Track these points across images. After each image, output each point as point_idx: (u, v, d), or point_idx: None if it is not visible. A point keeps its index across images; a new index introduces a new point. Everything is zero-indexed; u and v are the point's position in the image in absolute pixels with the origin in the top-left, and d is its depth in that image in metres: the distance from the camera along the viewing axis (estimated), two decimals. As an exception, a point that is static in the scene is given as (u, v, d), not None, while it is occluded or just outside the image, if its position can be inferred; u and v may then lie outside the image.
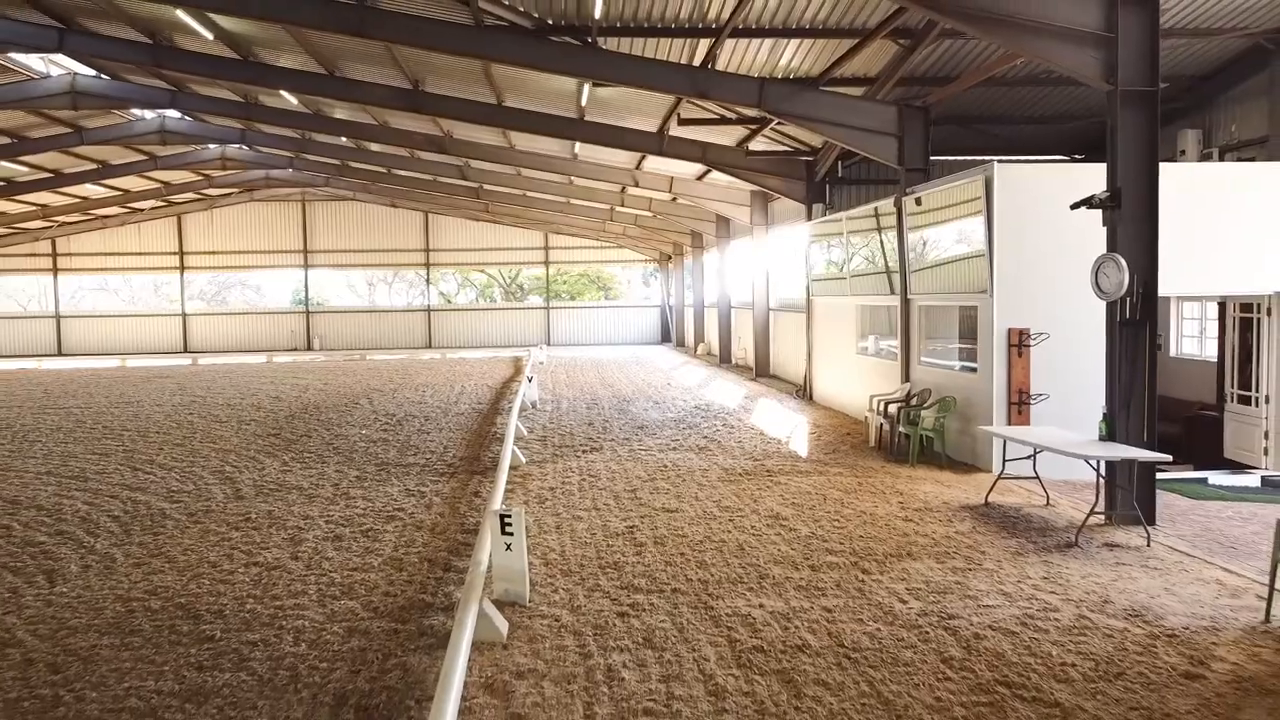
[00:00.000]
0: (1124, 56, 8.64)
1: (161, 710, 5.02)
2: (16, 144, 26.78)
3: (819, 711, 4.90)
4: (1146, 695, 5.06)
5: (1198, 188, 11.72)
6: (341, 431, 15.71)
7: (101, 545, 8.54)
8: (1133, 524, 8.56)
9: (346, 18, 12.98)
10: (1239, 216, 11.55)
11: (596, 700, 5.06)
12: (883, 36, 13.04)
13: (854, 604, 6.60)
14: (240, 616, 6.52)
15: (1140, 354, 8.81)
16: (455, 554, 8.07)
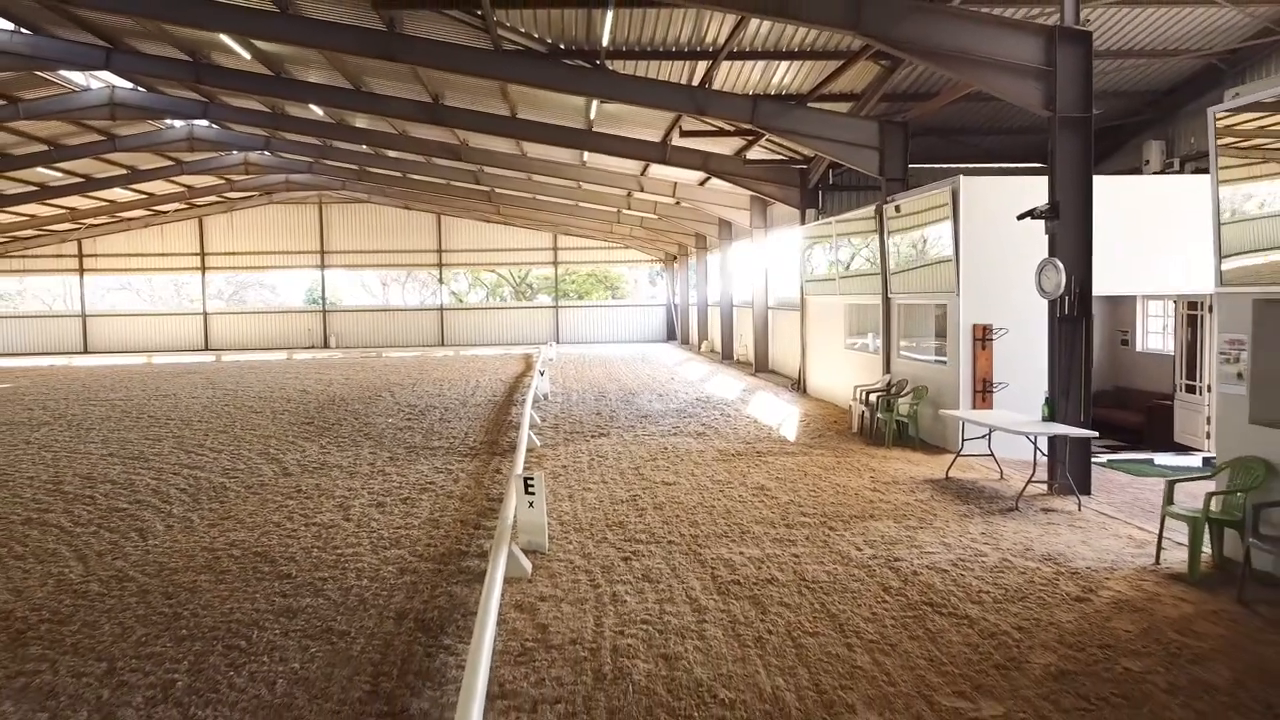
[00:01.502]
0: (1061, 87, 9.94)
1: (262, 622, 6.38)
2: (53, 151, 28.22)
3: (779, 623, 6.23)
4: (1040, 612, 6.39)
5: (1152, 197, 13.04)
6: (369, 420, 17.09)
7: (178, 511, 9.92)
8: (1069, 493, 9.88)
9: (379, 44, 14.35)
10: (1186, 223, 12.82)
11: (604, 615, 6.41)
12: (866, 58, 14.36)
13: (817, 551, 7.94)
14: (309, 560, 7.88)
15: (1077, 346, 10.13)
16: (483, 517, 9.43)
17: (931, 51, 10.28)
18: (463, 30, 14.54)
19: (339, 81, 19.51)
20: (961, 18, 10.34)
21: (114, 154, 29.06)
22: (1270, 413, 7.27)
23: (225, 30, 15.01)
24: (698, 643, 5.87)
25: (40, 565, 7.87)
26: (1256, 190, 7.33)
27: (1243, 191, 7.39)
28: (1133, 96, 16.99)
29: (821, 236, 18.97)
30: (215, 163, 33.00)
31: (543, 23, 14.03)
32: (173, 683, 5.37)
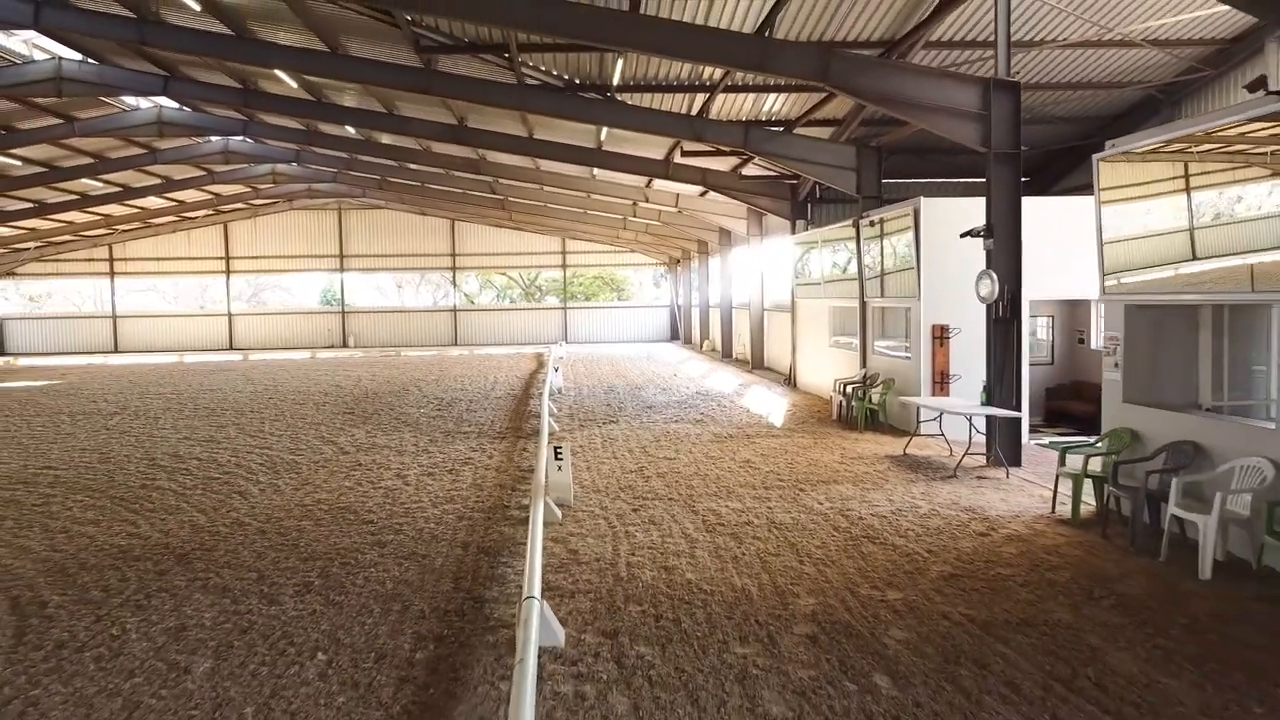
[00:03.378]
0: (995, 128, 12.00)
1: (362, 549, 8.46)
2: (98, 164, 30.40)
3: (751, 549, 8.29)
4: (949, 542, 8.45)
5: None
6: (403, 410, 19.17)
7: (263, 479, 12.01)
8: (1001, 465, 11.93)
9: (418, 79, 16.42)
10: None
11: (619, 544, 8.48)
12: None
13: (787, 504, 10.01)
14: (384, 511, 9.97)
15: (1009, 342, 12.19)
16: (518, 483, 11.50)
17: (888, 99, 12.35)
18: (490, 67, 16.62)
19: (373, 106, 21.62)
20: (911, 71, 12.44)
21: (154, 166, 31.27)
22: (1136, 393, 9.33)
23: (283, 68, 17.14)
24: (689, 560, 7.95)
25: (171, 516, 9.97)
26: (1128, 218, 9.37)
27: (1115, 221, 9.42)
28: (1086, 121, 19.05)
29: (809, 245, 21.04)
30: (244, 172, 35.11)
31: (561, 63, 16.15)
32: (309, 583, 7.45)
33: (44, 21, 15.64)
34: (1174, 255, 8.63)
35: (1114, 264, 9.49)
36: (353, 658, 5.85)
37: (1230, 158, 7.92)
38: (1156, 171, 8.87)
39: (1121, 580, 7.27)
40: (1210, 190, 8.23)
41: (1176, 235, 8.54)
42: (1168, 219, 8.74)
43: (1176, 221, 8.56)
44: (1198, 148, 8.23)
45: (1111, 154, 9.38)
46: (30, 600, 7.11)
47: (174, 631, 6.37)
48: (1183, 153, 8.43)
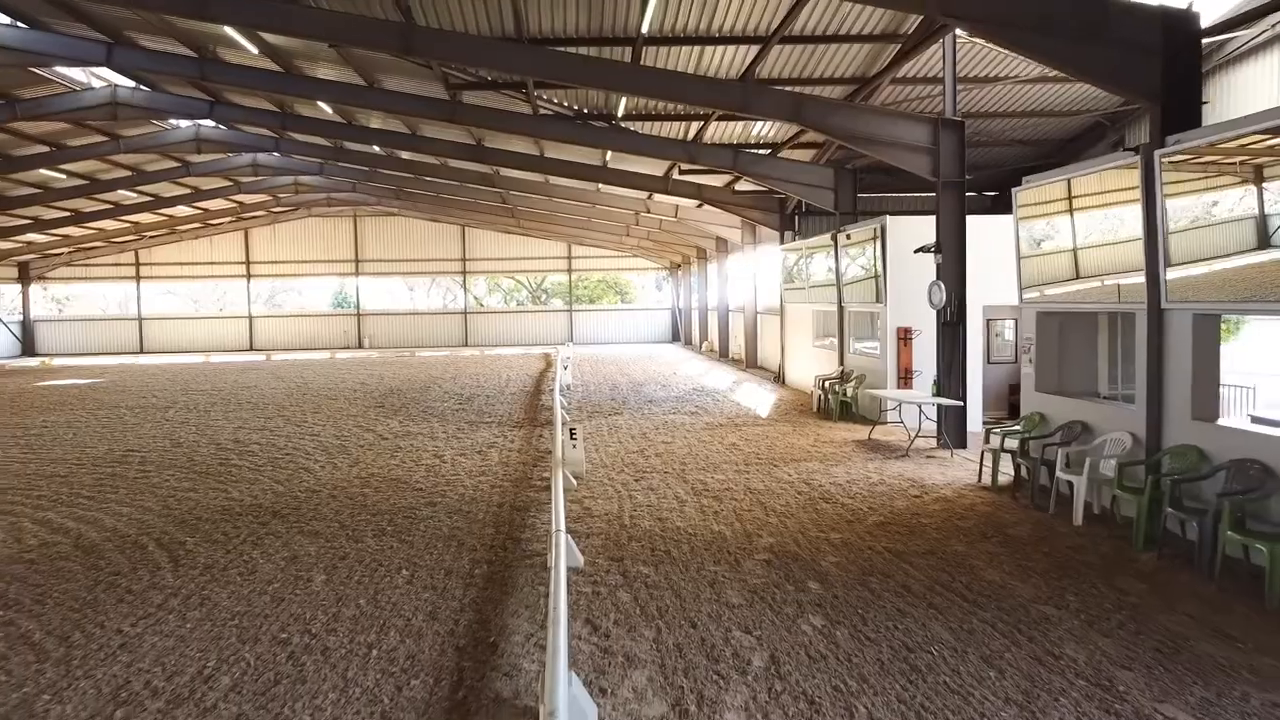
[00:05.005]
0: (943, 161, 14.10)
1: (419, 508, 10.56)
2: (136, 176, 32.58)
3: (729, 507, 10.38)
4: (887, 502, 10.54)
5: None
6: (428, 404, 21.29)
7: (321, 459, 14.13)
8: (948, 447, 14.03)
9: (444, 109, 18.54)
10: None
11: (623, 503, 10.58)
12: (822, 120, 18.53)
13: (762, 476, 12.11)
14: (429, 482, 12.08)
15: (956, 343, 14.28)
16: (538, 461, 13.62)
17: (851, 136, 14.45)
18: (508, 99, 18.74)
19: (398, 127, 23.76)
20: (871, 112, 14.56)
21: (186, 178, 33.45)
22: (1045, 384, 11.44)
23: (326, 100, 19.25)
24: (679, 514, 10.06)
25: (253, 485, 12.09)
26: (1040, 238, 11.47)
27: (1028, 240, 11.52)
28: (1044, 143, 21.15)
29: (794, 254, 23.15)
30: (268, 183, 37.28)
31: (572, 97, 18.28)
32: (383, 529, 9.57)
33: (116, 61, 17.77)
34: (1066, 272, 10.74)
35: (1030, 277, 11.59)
36: (428, 573, 7.97)
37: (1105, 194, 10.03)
38: (1057, 204, 10.97)
39: (1013, 526, 9.38)
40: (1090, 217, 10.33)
41: (1065, 254, 10.66)
42: (1064, 242, 10.85)
43: (1067, 244, 10.68)
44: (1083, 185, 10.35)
45: (1026, 188, 11.48)
46: (170, 541, 9.24)
47: (289, 559, 8.49)
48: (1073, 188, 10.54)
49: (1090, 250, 10.35)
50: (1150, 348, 9.11)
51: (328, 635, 6.48)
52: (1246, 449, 7.92)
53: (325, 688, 5.59)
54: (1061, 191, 10.76)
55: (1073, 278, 10.69)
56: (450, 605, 7.13)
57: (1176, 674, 5.65)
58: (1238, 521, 7.37)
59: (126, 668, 5.95)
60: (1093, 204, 10.26)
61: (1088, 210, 10.36)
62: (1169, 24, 8.69)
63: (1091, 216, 10.34)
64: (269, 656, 6.10)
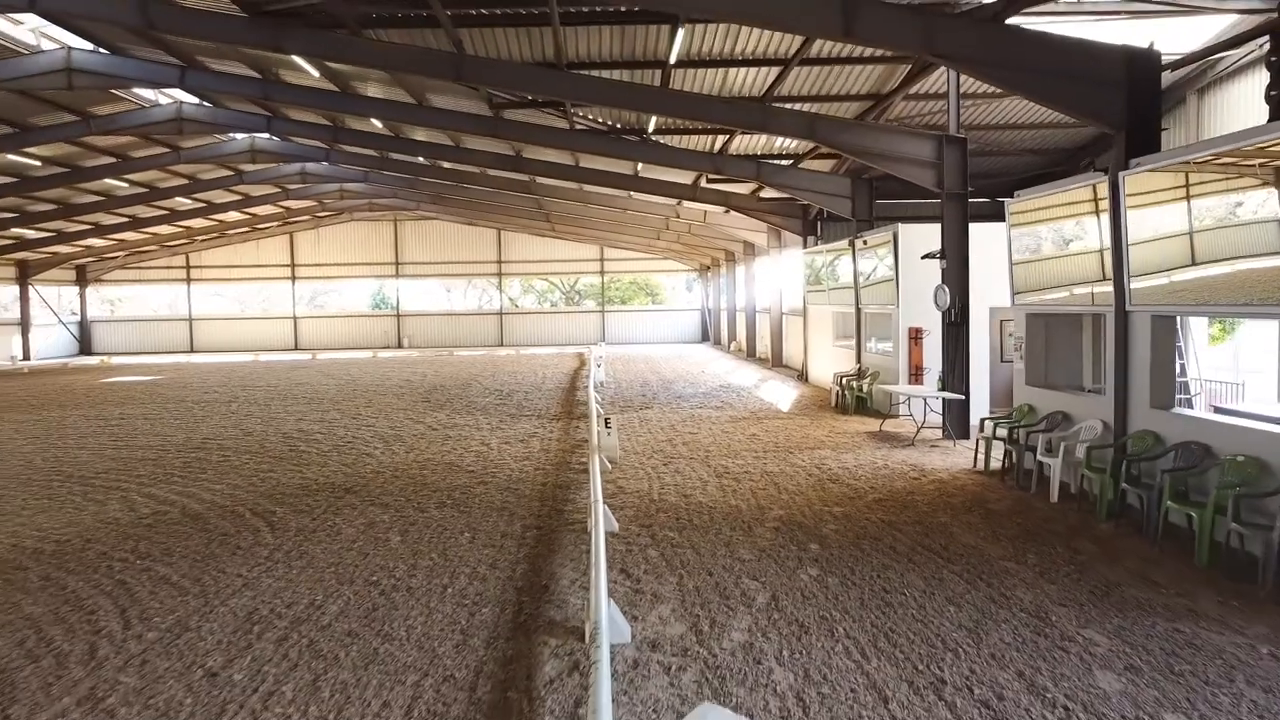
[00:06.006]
0: (947, 174, 15.32)
1: (473, 486, 12.00)
2: (192, 184, 34.42)
3: (746, 486, 11.72)
4: (887, 483, 11.82)
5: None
6: (470, 399, 22.77)
7: (379, 446, 15.61)
8: (951, 437, 15.25)
9: (487, 125, 20.01)
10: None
11: (653, 483, 11.95)
12: (839, 133, 19.79)
13: (778, 462, 13.43)
14: (480, 465, 13.52)
15: (960, 342, 15.50)
16: (576, 449, 15.01)
17: (862, 152, 15.73)
18: (547, 116, 20.18)
19: (442, 139, 25.29)
20: (880, 130, 15.83)
21: (239, 185, 35.28)
22: (1034, 378, 12.66)
23: (378, 117, 20.80)
24: (701, 492, 11.41)
25: (323, 468, 13.58)
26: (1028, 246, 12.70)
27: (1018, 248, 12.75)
28: (1053, 152, 22.26)
29: (816, 258, 24.40)
30: (314, 189, 39.02)
31: (605, 113, 19.68)
32: (444, 502, 11.00)
33: (188, 83, 19.39)
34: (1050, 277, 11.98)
35: (1020, 282, 12.82)
36: (487, 535, 9.39)
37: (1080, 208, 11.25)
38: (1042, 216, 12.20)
39: (995, 502, 10.65)
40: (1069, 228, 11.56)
41: (1050, 261, 11.89)
42: (1049, 250, 12.08)
43: (1051, 251, 11.92)
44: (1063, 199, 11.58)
45: (1016, 200, 12.71)
46: (263, 510, 10.74)
47: (367, 525, 9.95)
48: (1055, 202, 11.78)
49: (1070, 258, 11.58)
50: (1117, 345, 10.34)
51: (409, 579, 7.91)
52: (1191, 432, 9.14)
53: (414, 614, 7.01)
54: (1045, 204, 11.99)
55: (1055, 282, 11.92)
56: (507, 558, 8.53)
57: (1102, 609, 6.92)
58: (1179, 493, 8.61)
59: (253, 599, 7.41)
60: (1070, 216, 11.48)
61: (1066, 221, 11.59)
62: (1130, 61, 9.91)
63: (1070, 227, 11.57)
64: (364, 593, 7.54)
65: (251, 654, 6.24)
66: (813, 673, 5.83)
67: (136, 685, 5.76)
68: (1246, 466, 8.17)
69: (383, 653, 6.24)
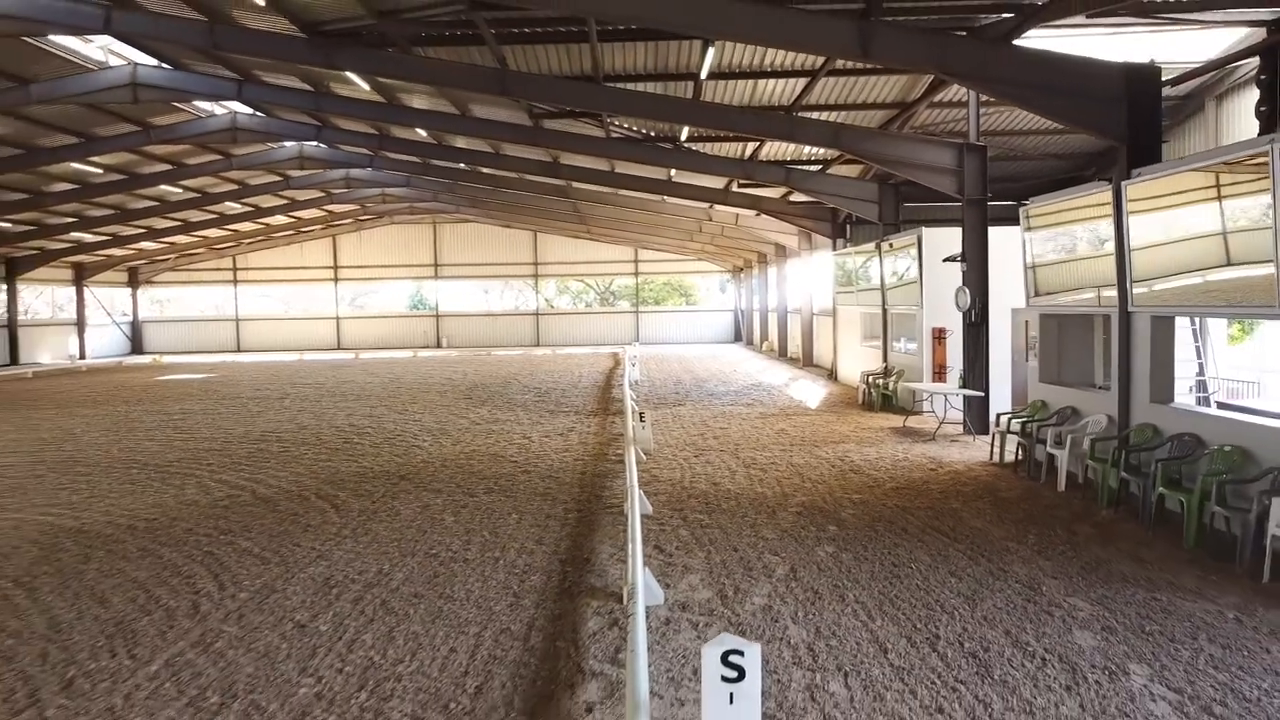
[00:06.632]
0: (967, 181, 16.00)
1: (517, 474, 12.90)
2: (241, 189, 35.76)
3: (772, 476, 12.50)
4: (905, 474, 12.56)
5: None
6: (510, 396, 23.72)
7: (427, 439, 16.57)
8: (970, 433, 15.93)
9: (527, 133, 20.96)
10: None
11: (685, 472, 12.78)
12: (866, 140, 20.50)
13: (803, 454, 14.21)
14: (522, 456, 14.42)
15: (980, 341, 16.16)
16: (612, 442, 15.87)
17: (884, 160, 16.46)
18: (584, 125, 21.08)
19: (482, 146, 26.29)
20: (901, 139, 16.54)
21: (286, 190, 36.58)
22: (1048, 375, 13.34)
23: (423, 127, 21.82)
24: (730, 480, 12.22)
25: (376, 458, 14.55)
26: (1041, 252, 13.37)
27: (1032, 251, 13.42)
28: (1075, 157, 22.81)
29: (844, 261, 25.09)
30: (358, 194, 40.24)
31: (640, 122, 20.54)
32: (491, 489, 11.91)
33: (245, 96, 20.52)
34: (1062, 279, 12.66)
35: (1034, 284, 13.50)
36: (532, 516, 10.27)
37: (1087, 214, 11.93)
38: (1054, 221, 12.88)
39: (1005, 491, 11.36)
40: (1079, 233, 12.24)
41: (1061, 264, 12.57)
42: (1061, 253, 12.76)
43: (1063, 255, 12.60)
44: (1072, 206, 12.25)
45: (1030, 205, 13.40)
46: (326, 494, 11.70)
47: (422, 507, 10.87)
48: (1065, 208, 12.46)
49: (1080, 261, 12.26)
50: (1121, 343, 11.01)
51: (465, 551, 8.81)
52: (1185, 425, 9.82)
53: (471, 580, 7.90)
54: (1056, 210, 12.67)
55: (1067, 284, 12.59)
56: (552, 535, 9.41)
57: (1089, 581, 7.66)
58: (1171, 480, 9.30)
59: (327, 568, 8.34)
60: (1079, 221, 12.16)
61: (1076, 226, 12.27)
62: (1131, 76, 10.60)
63: (1080, 232, 12.25)
64: (426, 563, 8.44)
65: (332, 610, 7.16)
66: (823, 629, 6.63)
67: (238, 633, 6.69)
68: (1232, 455, 8.85)
69: (446, 610, 7.13)
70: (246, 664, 6.12)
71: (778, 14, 11.06)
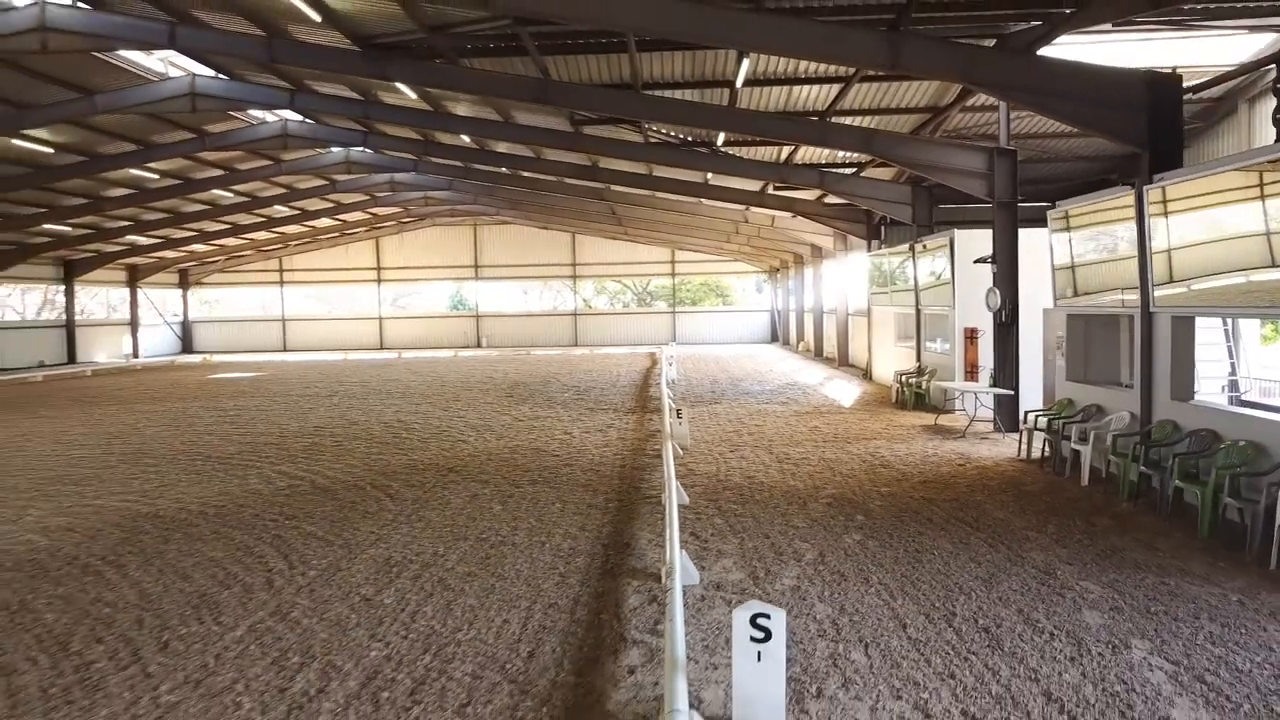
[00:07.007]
0: (998, 184, 16.36)
1: (560, 468, 13.50)
2: (289, 193, 36.82)
3: (805, 470, 12.99)
4: (933, 468, 12.99)
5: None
6: (550, 395, 24.37)
7: (472, 435, 17.24)
8: (1000, 430, 16.28)
9: (567, 139, 21.60)
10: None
11: (720, 466, 13.31)
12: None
13: (835, 450, 14.67)
14: (564, 450, 15.02)
15: (1010, 340, 16.51)
16: (650, 439, 16.44)
17: (916, 164, 16.86)
18: (623, 131, 21.67)
19: (524, 152, 26.99)
20: (933, 144, 16.93)
21: (333, 194, 37.59)
22: (1074, 374, 13.70)
23: (467, 133, 22.52)
24: (764, 474, 12.73)
25: (424, 451, 15.23)
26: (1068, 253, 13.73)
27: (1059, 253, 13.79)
28: (1107, 159, 22.99)
29: (879, 262, 25.46)
30: (401, 196, 41.13)
31: (677, 129, 21.09)
32: (535, 480, 12.52)
33: (297, 104, 21.34)
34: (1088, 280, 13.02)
35: (1061, 285, 13.86)
36: (575, 505, 10.86)
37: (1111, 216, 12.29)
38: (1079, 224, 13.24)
39: (1029, 485, 11.77)
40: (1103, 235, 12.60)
41: (1087, 266, 12.94)
42: (1086, 256, 13.13)
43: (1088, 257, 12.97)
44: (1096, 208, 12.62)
45: (1056, 209, 13.77)
46: (380, 484, 12.39)
47: (471, 496, 11.50)
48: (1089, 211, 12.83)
49: (1104, 263, 12.62)
50: (1143, 343, 11.38)
51: (513, 536, 9.43)
52: (1203, 421, 10.18)
53: (520, 561, 8.50)
54: (1082, 213, 13.03)
55: (1091, 285, 12.95)
56: (594, 523, 10.00)
57: (1102, 567, 8.09)
58: (1188, 474, 9.68)
59: (386, 550, 8.99)
60: (1104, 224, 12.52)
61: (1100, 229, 12.63)
62: (1152, 84, 10.96)
63: (1103, 234, 12.61)
64: (477, 546, 9.06)
65: (394, 586, 7.79)
66: (847, 607, 7.15)
67: (310, 605, 7.34)
68: (1246, 450, 9.22)
69: (498, 587, 7.73)
70: (320, 631, 6.77)
71: (809, 28, 11.56)
